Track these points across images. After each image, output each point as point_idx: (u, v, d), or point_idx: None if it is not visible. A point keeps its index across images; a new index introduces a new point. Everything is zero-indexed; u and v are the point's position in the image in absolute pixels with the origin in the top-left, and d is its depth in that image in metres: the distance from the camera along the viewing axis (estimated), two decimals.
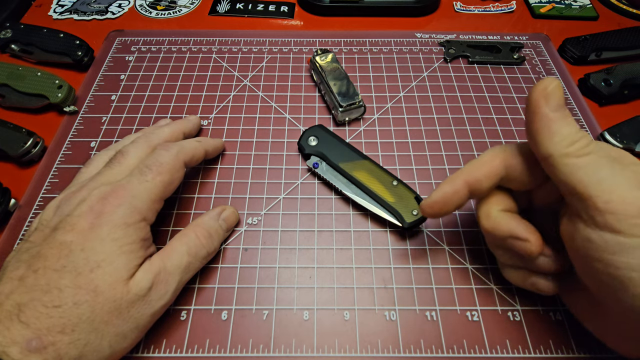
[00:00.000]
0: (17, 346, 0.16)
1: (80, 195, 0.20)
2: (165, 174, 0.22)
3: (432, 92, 0.34)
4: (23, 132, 0.29)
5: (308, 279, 0.24)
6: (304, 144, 0.28)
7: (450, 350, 0.22)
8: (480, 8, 0.43)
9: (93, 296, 0.17)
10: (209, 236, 0.23)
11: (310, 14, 0.42)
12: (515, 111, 0.33)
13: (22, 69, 0.32)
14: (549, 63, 0.37)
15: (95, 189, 0.20)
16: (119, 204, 0.19)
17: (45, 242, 0.19)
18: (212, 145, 0.27)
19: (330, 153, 0.27)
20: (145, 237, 0.20)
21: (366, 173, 0.26)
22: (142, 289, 0.19)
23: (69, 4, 0.42)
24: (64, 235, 0.18)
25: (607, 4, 0.43)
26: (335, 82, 0.31)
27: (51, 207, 0.21)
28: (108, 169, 0.22)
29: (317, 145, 0.28)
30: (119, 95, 0.33)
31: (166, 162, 0.22)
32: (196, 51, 0.37)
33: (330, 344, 0.22)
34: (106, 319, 0.18)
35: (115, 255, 0.18)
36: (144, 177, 0.21)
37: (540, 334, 0.22)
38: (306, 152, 0.28)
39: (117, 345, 0.18)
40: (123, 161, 0.22)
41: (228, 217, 0.25)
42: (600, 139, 0.31)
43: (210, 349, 0.22)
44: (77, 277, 0.17)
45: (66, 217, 0.19)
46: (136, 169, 0.21)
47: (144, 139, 0.24)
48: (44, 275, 0.17)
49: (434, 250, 0.25)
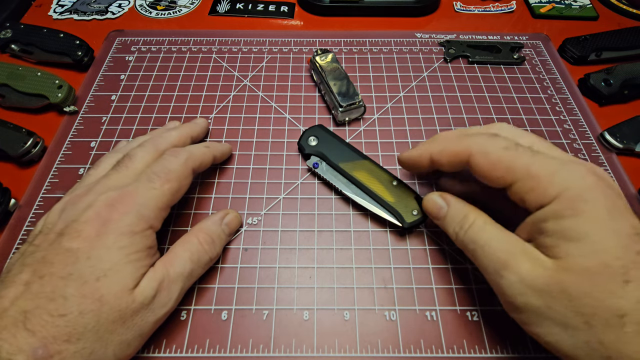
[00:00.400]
0: (24, 354, 0.16)
1: (86, 199, 0.20)
2: (173, 181, 0.21)
3: (432, 92, 0.34)
4: (23, 132, 0.29)
5: (308, 279, 0.24)
6: (304, 144, 0.28)
7: (450, 350, 0.22)
8: (480, 8, 0.43)
9: (98, 305, 0.17)
10: (211, 242, 0.23)
11: (310, 14, 0.42)
12: (515, 111, 0.33)
13: (22, 69, 0.32)
14: (549, 63, 0.37)
15: (102, 193, 0.20)
16: (126, 212, 0.19)
17: (51, 247, 0.18)
18: (220, 151, 0.27)
19: (330, 153, 0.27)
20: (151, 245, 0.20)
21: (366, 173, 0.26)
22: (147, 298, 0.19)
23: (69, 4, 0.42)
24: (71, 241, 0.18)
25: (607, 4, 0.43)
26: (335, 82, 0.31)
27: (56, 210, 0.20)
28: (115, 173, 0.22)
29: (317, 145, 0.28)
30: (119, 95, 0.33)
31: (174, 169, 0.22)
32: (196, 51, 0.37)
33: (330, 344, 0.22)
34: (111, 328, 0.17)
35: (122, 264, 0.18)
36: (152, 184, 0.21)
37: None
38: (306, 152, 0.28)
39: (121, 353, 0.18)
40: (130, 165, 0.22)
41: (231, 222, 0.25)
42: (601, 139, 0.31)
43: (210, 349, 0.22)
44: (82, 285, 0.17)
45: (72, 223, 0.19)
46: (144, 175, 0.21)
47: (151, 143, 0.24)
48: (50, 282, 0.17)
49: (434, 250, 0.25)
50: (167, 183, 0.21)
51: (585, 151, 0.30)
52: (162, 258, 0.21)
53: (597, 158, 0.30)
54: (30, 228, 0.26)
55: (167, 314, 0.20)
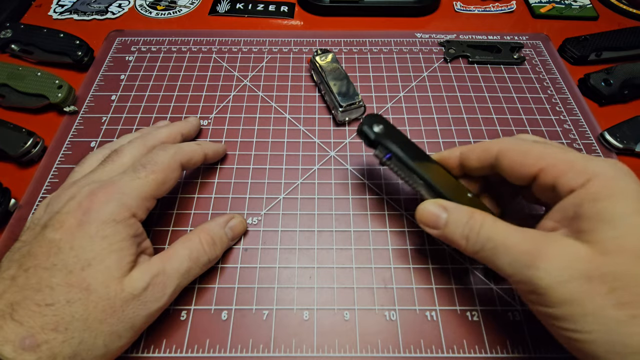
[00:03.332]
0: (11, 344, 0.16)
1: (70, 192, 0.20)
2: (159, 172, 0.21)
3: (432, 92, 0.34)
4: (23, 132, 0.29)
5: (308, 279, 0.24)
6: (367, 131, 0.23)
7: (450, 350, 0.22)
8: (480, 8, 0.43)
9: (86, 294, 0.17)
10: (212, 243, 0.22)
11: (310, 14, 0.42)
12: (515, 111, 0.33)
13: (22, 69, 0.32)
14: (549, 63, 0.37)
15: (85, 185, 0.20)
16: (107, 200, 0.19)
17: (35, 240, 0.18)
18: (212, 149, 0.27)
19: (400, 147, 0.22)
20: (136, 233, 0.20)
21: (442, 179, 0.22)
22: (137, 289, 0.19)
23: (69, 4, 0.42)
24: (53, 233, 0.18)
25: (607, 4, 0.43)
26: (335, 82, 0.31)
27: (42, 205, 0.21)
28: (101, 167, 0.22)
29: (382, 134, 0.23)
30: (119, 95, 0.33)
31: (161, 161, 0.22)
32: (196, 51, 0.37)
33: (330, 344, 0.22)
34: (100, 317, 0.17)
35: (106, 253, 0.18)
36: (137, 174, 0.21)
37: (540, 333, 0.22)
38: (373, 138, 0.23)
39: (112, 344, 0.18)
40: (117, 160, 0.22)
41: (235, 227, 0.24)
42: (601, 139, 0.31)
43: (210, 349, 0.22)
44: (68, 275, 0.17)
45: (55, 215, 0.19)
46: (130, 167, 0.21)
47: (140, 140, 0.24)
48: (35, 274, 0.17)
49: (434, 250, 0.25)
50: (153, 174, 0.21)
51: (585, 151, 0.30)
52: (161, 253, 0.21)
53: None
54: None
55: (160, 309, 0.20)
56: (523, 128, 0.31)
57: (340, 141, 0.31)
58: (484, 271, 0.24)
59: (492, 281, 0.24)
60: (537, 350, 0.22)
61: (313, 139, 0.31)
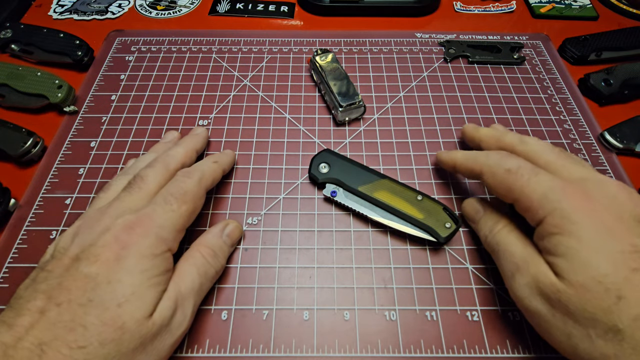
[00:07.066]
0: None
1: (102, 223, 0.19)
2: (190, 202, 0.21)
3: (432, 92, 0.34)
4: (23, 132, 0.29)
5: (308, 279, 0.24)
6: (315, 173, 0.27)
7: (450, 350, 0.22)
8: (480, 8, 0.43)
9: (120, 334, 0.16)
10: (214, 255, 0.22)
11: (310, 14, 0.42)
12: (515, 111, 0.33)
13: (22, 69, 0.32)
14: (549, 63, 0.37)
15: (118, 217, 0.19)
16: (145, 234, 0.19)
17: (68, 273, 0.17)
18: (227, 163, 0.27)
19: (346, 177, 0.26)
20: (169, 268, 0.20)
21: (388, 192, 0.25)
22: (166, 318, 0.18)
23: (69, 4, 0.42)
24: (89, 267, 0.17)
25: (607, 4, 0.43)
26: (335, 82, 0.31)
27: (68, 235, 0.20)
28: (127, 195, 0.21)
29: (329, 171, 0.26)
30: (119, 95, 0.33)
31: (190, 190, 0.21)
32: (196, 51, 0.37)
33: (330, 344, 0.22)
34: (131, 356, 0.17)
35: (144, 288, 0.18)
36: (170, 206, 0.20)
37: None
38: (320, 181, 0.26)
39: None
40: (143, 186, 0.21)
41: (232, 233, 0.24)
42: (601, 139, 0.31)
43: (210, 349, 0.22)
44: (103, 312, 0.16)
45: (89, 247, 0.18)
46: (159, 197, 0.21)
47: (161, 163, 0.23)
48: (69, 309, 0.16)
49: (434, 250, 0.25)
50: (184, 205, 0.21)
51: (585, 151, 0.30)
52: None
53: (597, 158, 0.30)
54: (30, 228, 0.26)
55: (183, 334, 0.19)
56: (523, 128, 0.31)
57: (340, 141, 0.31)
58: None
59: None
60: (537, 350, 0.22)
61: (313, 139, 0.31)
